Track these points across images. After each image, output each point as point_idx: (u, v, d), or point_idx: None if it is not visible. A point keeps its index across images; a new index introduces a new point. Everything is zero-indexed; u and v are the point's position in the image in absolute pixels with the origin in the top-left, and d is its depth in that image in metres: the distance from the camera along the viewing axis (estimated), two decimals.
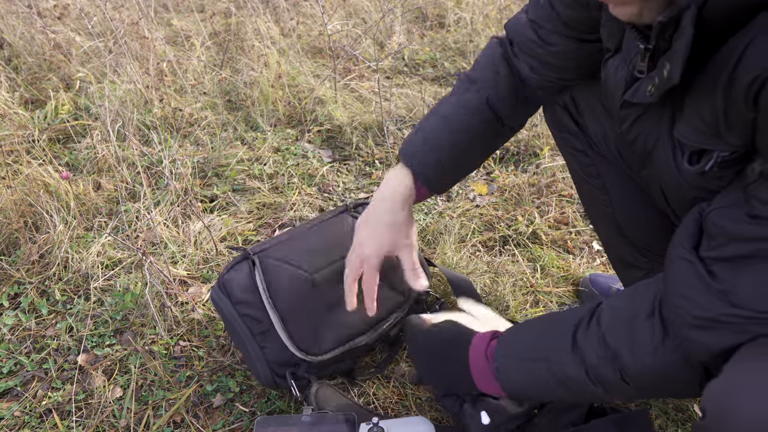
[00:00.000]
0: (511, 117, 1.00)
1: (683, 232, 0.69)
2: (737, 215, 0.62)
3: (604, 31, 0.83)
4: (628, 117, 0.80)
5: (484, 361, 0.87)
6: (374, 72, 2.24)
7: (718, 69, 0.58)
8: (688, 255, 0.66)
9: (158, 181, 1.70)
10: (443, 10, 2.79)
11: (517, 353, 0.84)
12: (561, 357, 0.78)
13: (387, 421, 1.00)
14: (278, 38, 2.38)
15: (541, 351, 0.81)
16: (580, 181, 1.08)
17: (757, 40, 0.54)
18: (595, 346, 0.74)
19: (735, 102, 0.57)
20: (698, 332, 0.63)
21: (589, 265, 1.43)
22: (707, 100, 0.61)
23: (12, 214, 1.49)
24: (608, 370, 0.73)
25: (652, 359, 0.69)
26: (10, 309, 1.33)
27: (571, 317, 0.80)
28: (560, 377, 0.78)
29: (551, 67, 0.93)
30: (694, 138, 0.67)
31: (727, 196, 0.66)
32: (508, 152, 1.85)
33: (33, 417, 1.10)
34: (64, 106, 2.02)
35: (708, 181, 0.70)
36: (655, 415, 1.07)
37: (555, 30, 0.89)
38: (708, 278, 0.62)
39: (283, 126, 2.00)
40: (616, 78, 0.80)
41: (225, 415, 1.10)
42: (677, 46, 0.59)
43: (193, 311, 1.28)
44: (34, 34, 2.33)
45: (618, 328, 0.72)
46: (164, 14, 2.85)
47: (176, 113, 1.98)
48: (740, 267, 0.60)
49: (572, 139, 1.03)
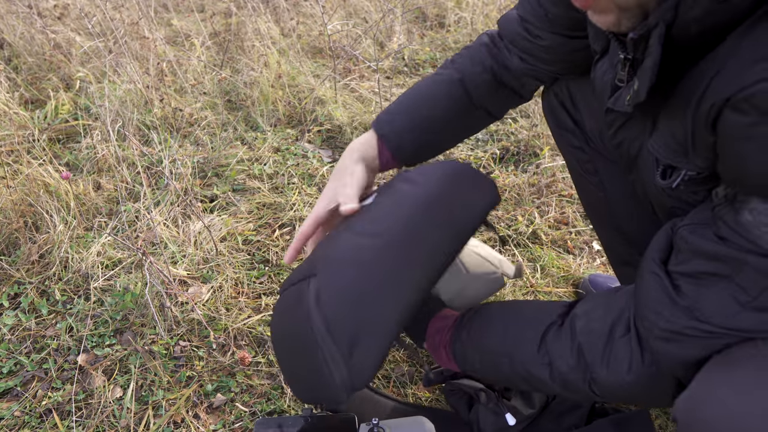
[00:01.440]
0: (482, 98, 1.00)
1: (655, 245, 0.71)
2: (705, 233, 0.64)
3: (591, 31, 0.84)
4: (614, 122, 0.82)
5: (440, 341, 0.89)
6: (374, 72, 2.24)
7: (690, 89, 0.58)
8: (657, 269, 0.68)
9: (158, 181, 1.70)
10: (443, 10, 2.79)
11: (478, 344, 0.85)
12: (526, 356, 0.79)
13: (387, 421, 1.00)
14: (278, 38, 2.38)
15: (505, 347, 0.81)
16: (579, 177, 1.08)
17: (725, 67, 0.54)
18: (566, 354, 0.75)
19: (699, 125, 0.58)
20: (664, 344, 0.65)
21: (589, 265, 1.43)
22: (679, 118, 0.62)
23: (12, 214, 1.49)
24: (577, 378, 0.74)
25: (630, 376, 0.70)
26: (10, 309, 1.33)
27: (542, 317, 0.80)
28: (522, 374, 0.79)
29: (541, 59, 0.95)
30: (665, 154, 0.68)
31: (699, 214, 0.68)
32: (508, 152, 1.85)
33: (33, 417, 1.10)
34: (64, 106, 2.02)
35: (681, 194, 0.71)
36: (655, 415, 1.07)
37: (542, 26, 0.90)
38: (673, 293, 0.64)
39: (283, 126, 2.00)
40: (604, 81, 0.81)
41: (225, 415, 1.10)
42: (646, 64, 0.60)
43: (193, 311, 1.28)
44: (34, 34, 2.33)
45: (594, 343, 0.73)
46: (164, 14, 2.85)
47: (176, 113, 1.98)
48: (704, 284, 0.62)
49: (570, 136, 1.03)
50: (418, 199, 0.83)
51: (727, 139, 0.56)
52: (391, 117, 1.00)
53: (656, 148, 0.69)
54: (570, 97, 1.00)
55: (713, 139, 0.58)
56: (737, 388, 0.58)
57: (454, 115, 1.01)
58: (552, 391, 0.78)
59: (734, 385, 0.58)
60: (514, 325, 0.83)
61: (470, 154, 1.85)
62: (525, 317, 0.83)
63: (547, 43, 0.91)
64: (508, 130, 1.94)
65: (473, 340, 0.86)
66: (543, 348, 0.77)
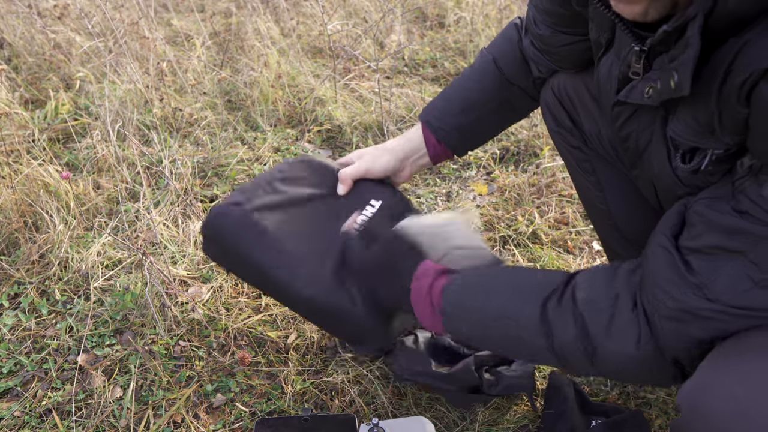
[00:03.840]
0: (513, 74, 1.05)
1: (666, 221, 0.70)
2: (722, 207, 0.62)
3: (593, 26, 0.84)
4: (620, 115, 0.81)
5: (427, 300, 0.84)
6: (374, 72, 2.24)
7: (713, 69, 0.59)
8: (667, 243, 0.66)
9: (158, 181, 1.70)
10: (443, 10, 2.79)
11: (471, 309, 0.81)
12: (524, 324, 0.75)
13: (387, 421, 1.00)
14: (278, 38, 2.39)
15: (502, 312, 0.78)
16: (577, 176, 1.09)
17: (753, 40, 0.54)
18: (568, 324, 0.72)
19: (728, 101, 0.58)
20: (669, 323, 0.64)
21: (589, 265, 1.43)
22: (702, 99, 0.62)
23: (12, 214, 1.49)
24: (578, 349, 0.72)
25: (638, 349, 0.69)
26: (10, 309, 1.33)
27: (541, 284, 0.77)
28: (516, 340, 0.77)
29: (541, 49, 1.00)
30: (688, 136, 0.68)
31: (716, 190, 0.67)
32: (508, 152, 1.85)
33: (33, 417, 1.10)
34: (64, 105, 2.02)
35: (700, 178, 0.71)
36: (655, 415, 1.07)
37: (539, 14, 0.96)
38: (684, 269, 0.63)
39: (283, 126, 2.00)
40: (611, 75, 0.81)
41: (225, 415, 1.10)
42: (685, 57, 0.59)
43: (193, 311, 1.28)
44: (34, 34, 2.33)
45: (597, 314, 0.71)
46: (164, 14, 2.85)
47: (176, 113, 1.98)
48: (718, 260, 0.61)
49: (568, 135, 1.04)
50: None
51: (762, 111, 0.55)
52: (431, 106, 1.09)
53: (678, 132, 0.69)
54: (568, 97, 1.01)
55: (746, 113, 0.57)
56: (746, 377, 0.57)
57: (490, 93, 1.06)
58: (549, 361, 0.76)
59: (742, 374, 0.58)
60: (512, 291, 0.79)
61: (470, 153, 1.85)
62: (524, 283, 0.80)
63: (540, 32, 0.96)
64: (508, 130, 1.93)
65: (466, 304, 0.81)
66: (544, 316, 0.74)
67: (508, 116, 1.13)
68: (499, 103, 1.07)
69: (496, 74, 1.05)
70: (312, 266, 0.95)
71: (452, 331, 0.85)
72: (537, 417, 1.07)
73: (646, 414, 1.06)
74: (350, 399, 1.11)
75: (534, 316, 0.74)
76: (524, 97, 1.08)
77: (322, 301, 0.94)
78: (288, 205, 1.00)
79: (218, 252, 1.02)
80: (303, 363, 1.19)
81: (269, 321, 1.28)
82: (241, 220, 0.96)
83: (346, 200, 1.04)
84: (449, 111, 1.06)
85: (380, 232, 0.98)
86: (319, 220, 1.01)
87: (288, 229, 0.97)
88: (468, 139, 1.10)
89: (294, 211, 1.01)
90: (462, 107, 1.06)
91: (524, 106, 1.11)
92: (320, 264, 0.95)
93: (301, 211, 1.01)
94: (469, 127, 1.08)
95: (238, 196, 0.99)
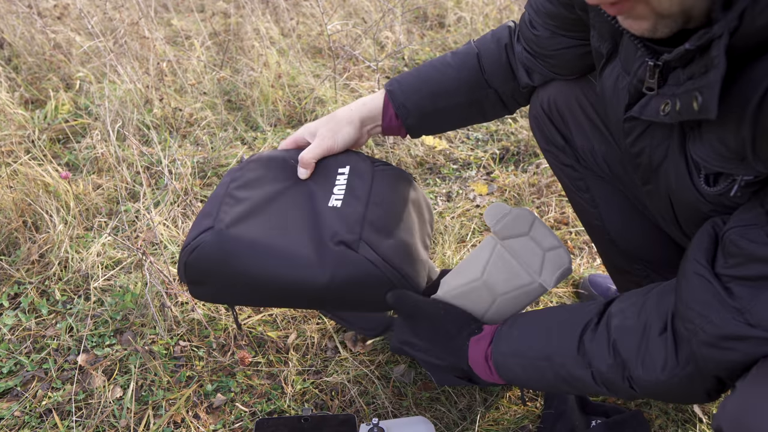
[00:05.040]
0: (494, 75, 1.01)
1: (697, 246, 0.67)
2: (757, 235, 0.60)
3: (594, 33, 0.82)
4: (633, 130, 0.78)
5: (483, 361, 0.86)
6: (374, 72, 2.24)
7: (744, 95, 0.55)
8: (704, 271, 0.64)
9: (158, 181, 1.70)
10: (443, 10, 2.79)
11: (517, 352, 0.82)
12: (566, 358, 0.77)
13: (387, 421, 1.00)
14: (278, 38, 2.39)
15: (545, 351, 0.79)
16: (571, 194, 1.07)
17: None
18: (604, 352, 0.73)
19: (763, 129, 0.55)
20: (710, 349, 0.62)
21: (589, 265, 1.43)
22: (731, 122, 0.58)
23: (12, 214, 1.49)
24: (616, 377, 0.72)
25: (664, 374, 0.68)
26: (10, 309, 1.33)
27: (578, 317, 0.78)
28: (565, 377, 0.77)
29: (534, 52, 0.97)
30: (715, 162, 0.65)
31: (745, 214, 0.64)
32: (508, 152, 1.85)
33: (33, 417, 1.10)
34: (64, 105, 2.02)
35: (727, 199, 0.68)
36: (655, 415, 1.07)
37: (538, 16, 0.93)
38: (724, 295, 0.61)
39: (283, 126, 2.00)
40: (618, 88, 0.78)
41: (225, 415, 1.10)
42: (711, 78, 0.56)
43: (193, 311, 1.28)
44: (34, 34, 2.33)
45: (630, 341, 0.71)
46: (164, 14, 2.85)
47: (176, 113, 1.98)
48: (761, 287, 0.59)
49: (559, 154, 1.02)
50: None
51: None
52: (402, 77, 1.03)
53: (703, 157, 0.66)
54: (559, 113, 0.98)
55: None
56: None
57: (464, 86, 1.01)
58: (597, 392, 0.76)
59: None
60: (553, 329, 0.80)
61: (470, 154, 1.85)
62: (562, 320, 0.81)
63: (539, 33, 0.93)
64: (508, 130, 1.94)
65: (513, 349, 0.83)
66: (581, 348, 0.75)
67: (474, 117, 1.08)
68: (469, 101, 1.03)
69: (476, 70, 1.01)
70: (315, 253, 0.88)
71: (510, 380, 0.85)
72: (537, 417, 1.07)
73: (646, 414, 1.06)
74: (350, 399, 1.11)
75: (572, 348, 0.75)
76: (497, 102, 1.04)
77: (343, 275, 0.87)
78: (259, 208, 0.92)
79: (211, 290, 0.92)
80: (303, 363, 1.19)
81: (269, 321, 1.28)
82: (221, 244, 0.87)
83: (313, 181, 0.98)
84: (418, 90, 1.01)
85: (361, 193, 0.95)
86: (298, 208, 0.94)
87: (272, 231, 0.90)
88: (425, 125, 1.05)
89: (269, 210, 0.93)
90: (432, 91, 1.01)
91: (494, 112, 1.06)
92: (321, 246, 0.89)
93: (275, 208, 0.94)
94: (432, 114, 1.03)
95: (202, 221, 0.90)
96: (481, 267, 0.88)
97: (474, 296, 0.89)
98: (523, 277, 0.87)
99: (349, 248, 0.88)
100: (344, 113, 1.02)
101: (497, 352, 0.84)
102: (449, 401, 1.11)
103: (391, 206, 0.96)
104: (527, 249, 0.88)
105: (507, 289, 0.88)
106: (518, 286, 0.87)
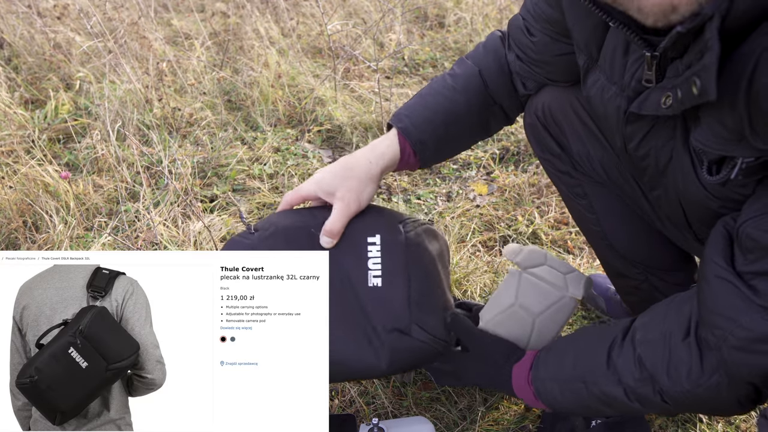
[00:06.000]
0: (497, 90, 0.99)
1: (713, 248, 0.66)
2: None
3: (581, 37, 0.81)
4: (635, 134, 0.77)
5: (526, 386, 0.87)
6: (374, 72, 2.24)
7: (736, 70, 0.56)
8: (725, 273, 0.63)
9: (158, 181, 1.70)
10: (443, 10, 2.79)
11: (554, 376, 0.83)
12: (598, 377, 0.77)
13: (387, 421, 1.00)
14: (278, 38, 2.39)
15: (578, 371, 0.80)
16: (568, 200, 1.07)
17: None
18: (631, 367, 0.73)
19: (757, 101, 0.55)
20: (741, 354, 0.61)
21: (589, 265, 1.43)
22: (728, 103, 0.58)
23: (12, 214, 1.49)
24: (647, 391, 0.72)
25: (689, 383, 0.68)
26: None
27: (606, 335, 0.79)
28: (600, 396, 0.77)
29: (531, 59, 0.95)
30: (715, 144, 0.64)
31: (754, 205, 0.63)
32: (508, 152, 1.85)
33: None
34: (64, 105, 2.02)
35: (731, 190, 0.67)
36: (655, 415, 1.07)
37: (536, 22, 0.91)
38: (749, 294, 0.59)
39: (283, 126, 2.00)
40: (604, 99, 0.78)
41: None
42: (707, 60, 0.56)
43: None
44: (34, 34, 2.33)
45: (653, 352, 0.71)
46: (164, 14, 2.85)
47: (176, 113, 1.98)
48: None
49: (555, 161, 1.02)
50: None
51: None
52: (408, 111, 0.97)
53: (703, 141, 0.65)
54: (554, 121, 0.98)
55: None
56: None
57: (474, 108, 0.98)
58: (634, 410, 0.75)
59: None
60: (583, 349, 0.81)
61: (470, 154, 1.85)
62: (591, 339, 0.82)
63: (536, 39, 0.92)
64: (508, 130, 1.94)
65: (550, 374, 0.84)
66: (611, 365, 0.75)
67: (480, 135, 1.05)
68: (479, 122, 1.00)
69: (481, 89, 0.97)
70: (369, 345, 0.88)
71: (552, 405, 0.86)
72: (537, 417, 1.07)
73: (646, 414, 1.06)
74: (350, 399, 1.11)
75: (602, 365, 0.76)
76: (502, 117, 1.02)
77: (398, 359, 0.89)
78: None
79: None
80: None
81: None
82: None
83: (341, 252, 0.90)
84: (431, 121, 0.95)
85: (399, 269, 0.91)
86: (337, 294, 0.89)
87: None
88: (440, 153, 1.01)
89: None
90: (445, 120, 0.96)
91: (497, 126, 1.04)
92: (374, 335, 0.88)
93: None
94: (448, 142, 0.99)
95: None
96: (514, 293, 0.95)
97: (514, 321, 0.94)
98: (554, 294, 0.94)
99: (402, 333, 0.89)
100: (363, 168, 0.91)
101: (536, 378, 0.85)
102: (449, 401, 1.11)
103: (427, 276, 0.93)
104: (549, 274, 0.95)
105: (542, 308, 0.93)
106: (552, 303, 0.94)
